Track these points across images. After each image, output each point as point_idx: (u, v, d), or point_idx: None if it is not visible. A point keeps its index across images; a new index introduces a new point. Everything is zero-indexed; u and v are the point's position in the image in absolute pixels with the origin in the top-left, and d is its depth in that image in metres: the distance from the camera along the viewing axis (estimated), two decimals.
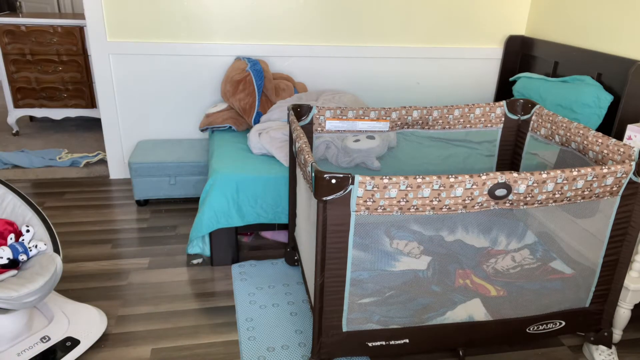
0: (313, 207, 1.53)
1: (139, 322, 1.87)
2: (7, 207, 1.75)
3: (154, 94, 2.95)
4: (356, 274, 1.52)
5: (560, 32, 2.85)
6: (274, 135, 2.30)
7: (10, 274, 1.56)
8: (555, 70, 2.82)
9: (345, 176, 1.27)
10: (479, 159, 2.28)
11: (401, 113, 1.98)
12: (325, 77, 3.09)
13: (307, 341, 1.78)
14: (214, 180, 2.11)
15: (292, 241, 2.16)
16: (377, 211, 1.33)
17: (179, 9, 2.79)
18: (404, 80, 3.20)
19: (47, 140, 3.73)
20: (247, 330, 1.82)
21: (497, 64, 3.27)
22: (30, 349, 1.61)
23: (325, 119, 1.95)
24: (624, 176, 1.44)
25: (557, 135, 1.85)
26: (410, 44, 3.12)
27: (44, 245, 1.67)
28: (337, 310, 1.47)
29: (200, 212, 2.12)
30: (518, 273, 1.76)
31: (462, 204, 1.36)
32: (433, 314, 1.58)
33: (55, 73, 3.66)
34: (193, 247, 2.27)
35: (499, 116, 2.09)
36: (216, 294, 2.06)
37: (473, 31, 3.15)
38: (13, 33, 3.52)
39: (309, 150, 1.45)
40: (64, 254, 2.30)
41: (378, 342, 1.54)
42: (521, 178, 1.35)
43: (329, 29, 2.99)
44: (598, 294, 1.64)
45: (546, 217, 1.92)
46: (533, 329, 1.64)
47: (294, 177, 2.00)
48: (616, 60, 2.37)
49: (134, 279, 2.13)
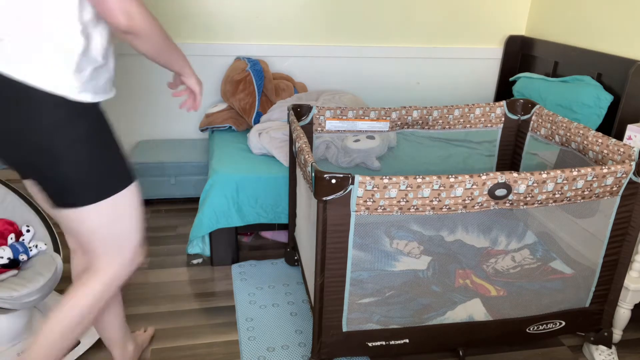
0: (313, 207, 1.53)
1: (139, 322, 1.87)
2: (7, 207, 1.75)
3: (154, 94, 2.95)
4: (356, 274, 1.52)
5: (560, 32, 2.85)
6: (274, 135, 2.30)
7: (11, 274, 1.56)
8: (555, 70, 2.82)
9: (345, 176, 1.27)
10: (479, 159, 2.28)
11: (401, 113, 1.98)
12: (325, 77, 3.09)
13: (307, 341, 1.78)
14: (214, 180, 2.11)
15: (292, 241, 2.16)
16: (377, 211, 1.33)
17: (179, 8, 2.79)
18: (404, 80, 3.20)
19: None
20: (247, 330, 1.82)
21: (497, 64, 3.27)
22: None
23: (325, 119, 1.95)
24: (624, 176, 1.44)
25: (557, 135, 1.85)
26: (410, 44, 3.12)
27: (44, 245, 1.67)
28: (337, 310, 1.47)
29: (200, 212, 2.12)
30: (518, 273, 1.76)
31: (462, 204, 1.36)
32: (433, 314, 1.59)
33: None
34: (193, 247, 2.27)
35: (499, 116, 2.09)
36: (216, 294, 2.06)
37: (473, 31, 3.15)
38: None
39: (309, 150, 1.45)
40: (64, 254, 2.29)
41: (378, 342, 1.54)
42: (521, 178, 1.35)
43: (329, 29, 2.99)
44: (598, 294, 1.64)
45: (546, 217, 1.92)
46: (533, 329, 1.64)
47: (294, 177, 2.00)
48: (616, 60, 2.37)
49: (134, 279, 2.13)
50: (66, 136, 1.13)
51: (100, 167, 1.19)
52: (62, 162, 1.14)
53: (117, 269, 1.30)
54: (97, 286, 1.27)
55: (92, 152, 1.17)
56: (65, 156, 1.14)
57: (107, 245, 1.26)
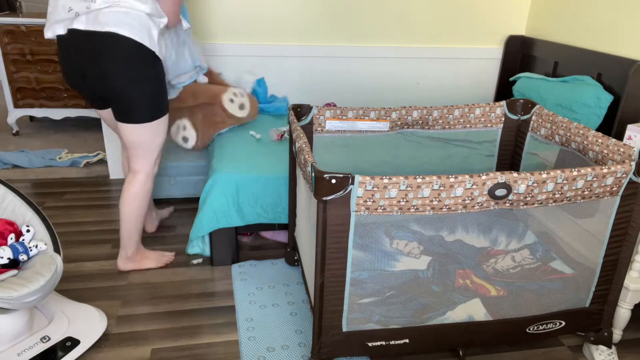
0: (313, 207, 1.53)
1: (139, 322, 1.87)
2: (7, 207, 1.75)
3: None
4: (356, 274, 1.52)
5: (560, 32, 2.85)
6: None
7: (11, 274, 1.56)
8: (555, 70, 2.82)
9: (345, 176, 1.27)
10: (479, 159, 2.28)
11: (401, 113, 1.98)
12: (325, 77, 3.09)
13: (307, 341, 1.78)
14: (214, 180, 2.11)
15: (292, 241, 2.16)
16: (377, 211, 1.33)
17: None
18: (404, 80, 3.20)
19: (47, 140, 3.73)
20: (247, 330, 1.83)
21: (497, 64, 3.27)
22: (30, 349, 1.61)
23: (325, 119, 1.95)
24: (624, 176, 1.44)
25: (557, 135, 1.85)
26: (410, 44, 3.12)
27: (44, 245, 1.67)
28: (337, 310, 1.47)
29: (200, 212, 2.12)
30: (518, 273, 1.76)
31: (462, 204, 1.36)
32: (433, 314, 1.59)
33: (55, 73, 3.66)
34: (193, 247, 2.27)
35: (499, 116, 2.09)
36: (216, 294, 2.06)
37: (473, 31, 3.16)
38: (13, 33, 3.52)
39: (309, 150, 1.45)
40: (64, 254, 2.30)
41: (378, 342, 1.54)
42: (521, 178, 1.35)
43: (328, 29, 2.99)
44: (598, 294, 1.64)
45: (546, 217, 1.92)
46: (533, 329, 1.64)
47: (294, 177, 2.00)
48: (616, 60, 2.37)
49: (134, 279, 2.13)
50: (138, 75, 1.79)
51: (154, 99, 1.87)
52: (134, 92, 1.80)
53: (148, 169, 2.01)
54: (141, 179, 2.01)
55: (152, 88, 1.84)
56: (137, 89, 1.80)
57: (146, 152, 1.96)
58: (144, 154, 1.97)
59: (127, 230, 2.06)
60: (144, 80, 1.81)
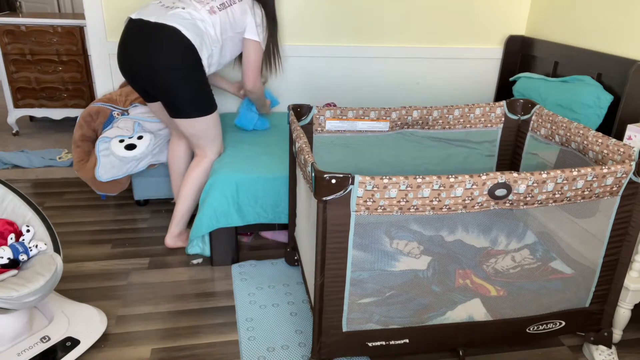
0: (313, 207, 1.53)
1: (139, 322, 1.87)
2: (7, 207, 1.75)
3: None
4: (356, 274, 1.52)
5: (560, 32, 2.85)
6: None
7: (11, 274, 1.56)
8: (555, 70, 2.82)
9: (345, 176, 1.27)
10: (479, 159, 2.28)
11: (401, 113, 1.98)
12: (326, 77, 3.09)
13: (307, 341, 1.78)
14: (214, 180, 2.11)
15: (292, 241, 2.16)
16: (377, 211, 1.33)
17: None
18: (404, 80, 3.20)
19: (47, 140, 3.73)
20: (247, 330, 1.83)
21: (497, 64, 3.27)
22: (30, 349, 1.61)
23: (325, 119, 1.95)
24: (624, 176, 1.44)
25: (557, 135, 1.85)
26: (410, 44, 3.12)
27: (44, 245, 1.67)
28: (337, 310, 1.47)
29: (200, 212, 2.12)
30: (518, 273, 1.76)
31: (462, 204, 1.36)
32: (433, 314, 1.59)
33: (55, 73, 3.66)
34: (193, 247, 2.27)
35: (499, 116, 2.09)
36: (216, 294, 2.06)
37: (473, 31, 3.16)
38: (13, 33, 3.52)
39: (309, 150, 1.45)
40: (64, 254, 2.30)
41: (378, 342, 1.54)
42: (521, 178, 1.35)
43: (329, 29, 2.99)
44: (598, 294, 1.64)
45: (546, 217, 1.92)
46: (533, 329, 1.64)
47: (294, 177, 2.00)
48: (616, 60, 2.37)
49: (134, 279, 2.13)
50: (192, 76, 2.02)
51: (204, 96, 2.10)
52: (186, 91, 2.03)
53: (212, 155, 2.27)
54: (206, 164, 2.25)
55: (201, 87, 2.07)
56: (189, 88, 2.03)
57: (207, 142, 2.22)
58: (205, 144, 2.22)
59: (184, 207, 2.27)
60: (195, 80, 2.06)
